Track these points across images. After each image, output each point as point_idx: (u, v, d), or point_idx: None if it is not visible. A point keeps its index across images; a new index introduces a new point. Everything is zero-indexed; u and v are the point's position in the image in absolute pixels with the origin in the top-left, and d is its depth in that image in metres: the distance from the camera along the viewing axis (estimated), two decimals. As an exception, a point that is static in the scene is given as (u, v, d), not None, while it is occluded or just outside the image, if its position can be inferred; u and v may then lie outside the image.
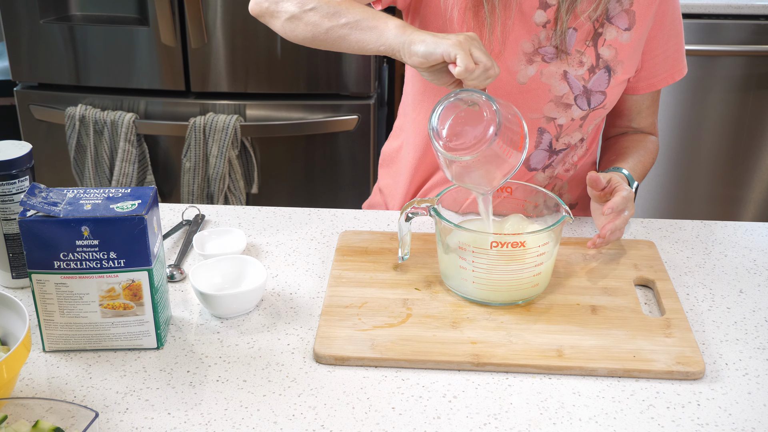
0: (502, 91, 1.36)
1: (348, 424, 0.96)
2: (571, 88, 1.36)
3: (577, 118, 1.39)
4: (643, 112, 1.49)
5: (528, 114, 1.38)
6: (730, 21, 2.40)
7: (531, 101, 1.37)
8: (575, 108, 1.38)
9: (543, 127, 1.40)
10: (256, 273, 1.18)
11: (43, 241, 1.00)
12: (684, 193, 2.64)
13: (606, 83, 1.37)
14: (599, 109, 1.40)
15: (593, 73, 1.36)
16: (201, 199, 2.43)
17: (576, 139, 1.43)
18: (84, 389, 1.02)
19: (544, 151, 1.43)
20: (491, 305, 1.16)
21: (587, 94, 1.37)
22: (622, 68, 1.38)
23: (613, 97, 1.40)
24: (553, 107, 1.38)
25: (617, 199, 1.25)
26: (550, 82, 1.36)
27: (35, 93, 2.45)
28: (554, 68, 1.35)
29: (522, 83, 1.36)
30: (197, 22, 2.31)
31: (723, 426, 0.97)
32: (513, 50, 1.34)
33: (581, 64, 1.35)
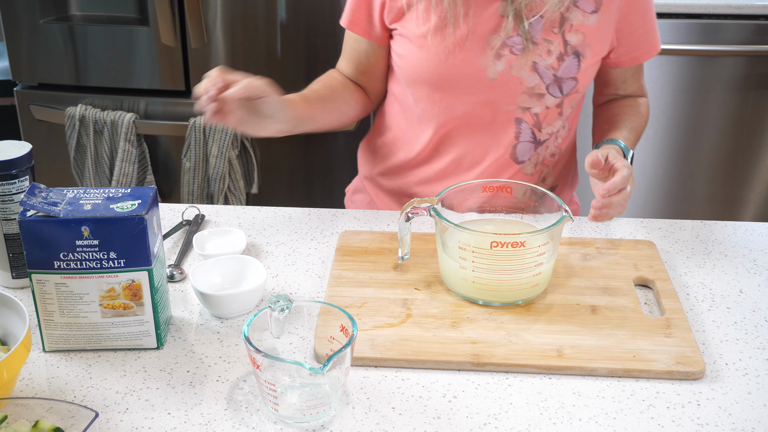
0: (474, 88, 1.37)
1: (348, 424, 0.96)
2: (542, 78, 1.37)
3: (552, 105, 1.41)
4: (628, 80, 1.51)
5: (502, 107, 1.40)
6: (730, 21, 2.40)
7: (504, 95, 1.38)
8: (548, 96, 1.39)
9: (519, 117, 1.42)
10: (256, 273, 1.18)
11: (43, 241, 1.00)
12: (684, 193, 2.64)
13: (576, 69, 1.38)
14: (573, 95, 1.41)
15: (562, 61, 1.37)
16: (201, 199, 2.43)
17: (558, 126, 1.45)
18: (84, 389, 1.02)
19: (528, 143, 1.44)
20: (491, 305, 1.16)
21: (558, 82, 1.38)
22: (591, 51, 1.38)
23: (585, 81, 1.41)
24: (527, 98, 1.39)
25: (617, 179, 1.22)
26: (521, 75, 1.37)
27: (35, 93, 2.45)
28: (523, 60, 1.36)
29: (492, 79, 1.37)
30: (197, 22, 2.31)
31: (723, 426, 0.97)
32: (480, 46, 1.35)
33: (549, 53, 1.36)
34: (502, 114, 1.41)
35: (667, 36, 2.42)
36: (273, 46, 2.35)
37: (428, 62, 1.38)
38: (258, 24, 2.33)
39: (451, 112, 1.42)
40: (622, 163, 1.25)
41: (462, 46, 1.35)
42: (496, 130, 1.43)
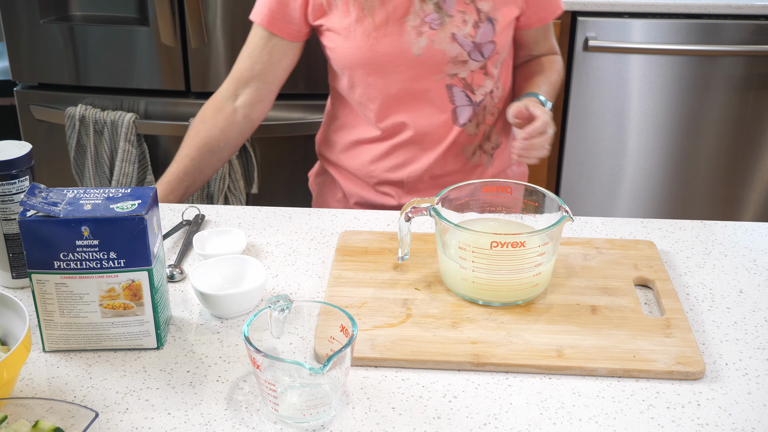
0: (403, 66, 1.51)
1: (348, 424, 0.96)
2: (462, 46, 1.49)
3: (476, 69, 1.54)
4: (540, 41, 1.64)
5: (432, 77, 1.52)
6: (730, 21, 2.40)
7: (431, 68, 1.51)
8: (471, 62, 1.52)
9: (449, 83, 1.54)
10: (256, 273, 1.18)
11: (43, 241, 1.00)
12: (684, 193, 2.64)
13: (492, 33, 1.51)
14: (494, 56, 1.54)
15: (478, 28, 1.50)
16: (201, 199, 2.43)
17: (489, 86, 1.57)
18: (84, 389, 1.02)
19: (466, 106, 1.57)
20: (491, 305, 1.16)
21: (478, 47, 1.51)
22: (502, 14, 1.52)
23: (503, 42, 1.54)
24: (452, 66, 1.52)
25: (537, 123, 1.41)
26: (443, 47, 1.49)
27: (35, 93, 2.45)
28: (442, 34, 1.49)
29: (418, 55, 1.49)
30: (197, 22, 2.31)
31: (723, 426, 0.97)
32: (401, 28, 1.49)
33: (465, 23, 1.49)
34: (434, 84, 1.53)
35: (667, 36, 2.42)
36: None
37: (357, 50, 1.51)
38: (258, 24, 2.33)
39: (388, 91, 1.54)
40: (542, 110, 1.43)
41: (384, 30, 1.47)
42: (432, 100, 1.55)
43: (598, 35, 2.41)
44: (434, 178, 1.63)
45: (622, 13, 2.41)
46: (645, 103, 2.50)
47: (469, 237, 1.12)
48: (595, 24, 2.40)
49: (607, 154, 2.57)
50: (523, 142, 1.41)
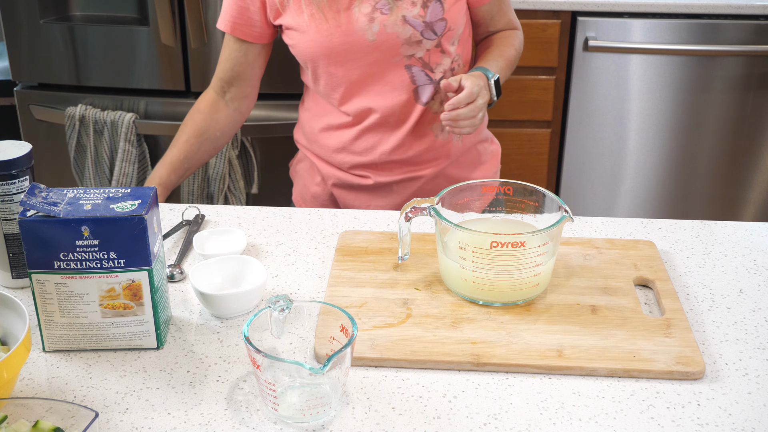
0: (360, 53, 1.54)
1: (348, 424, 0.96)
2: (414, 27, 1.52)
3: (432, 47, 1.55)
4: (495, 17, 1.66)
5: (390, 60, 1.55)
6: (730, 21, 2.40)
7: (387, 51, 1.54)
8: (425, 41, 1.54)
9: (408, 64, 1.56)
10: (256, 273, 1.18)
11: (43, 241, 1.00)
12: (684, 193, 2.64)
13: (441, 11, 1.53)
14: (447, 33, 1.56)
15: (426, 8, 1.52)
16: (201, 199, 2.43)
17: (447, 63, 1.59)
18: (84, 389, 1.02)
19: (427, 85, 1.59)
20: (491, 305, 1.16)
21: (430, 26, 1.53)
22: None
23: (455, 18, 1.56)
24: (408, 48, 1.54)
25: (462, 95, 1.46)
26: (395, 30, 1.52)
27: (35, 93, 2.45)
28: (393, 17, 1.51)
29: (372, 41, 1.52)
30: (197, 22, 2.31)
31: (723, 426, 0.97)
32: (352, 16, 1.52)
33: (414, 4, 1.51)
34: (393, 66, 1.56)
35: (667, 36, 2.42)
36: (273, 46, 2.35)
37: (314, 44, 1.55)
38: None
39: (349, 78, 1.58)
40: (472, 81, 1.47)
41: (336, 22, 1.52)
42: (393, 82, 1.58)
43: (598, 35, 2.41)
44: (405, 157, 1.65)
45: (622, 13, 2.41)
46: (645, 103, 2.50)
47: (469, 237, 1.12)
48: (595, 24, 2.40)
49: (607, 154, 2.57)
50: (448, 113, 1.47)
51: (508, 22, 1.69)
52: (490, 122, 2.52)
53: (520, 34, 1.72)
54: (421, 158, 1.65)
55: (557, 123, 2.55)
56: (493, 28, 1.68)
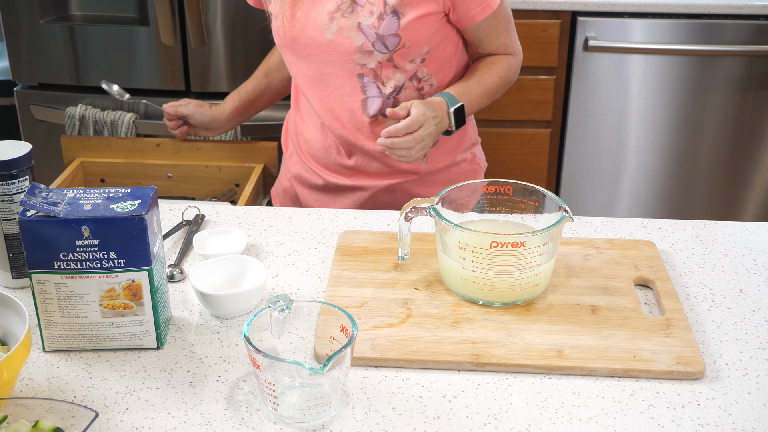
0: (317, 50, 1.54)
1: (348, 424, 0.96)
2: (366, 36, 1.50)
3: (383, 60, 1.53)
4: (483, 39, 1.59)
5: (344, 65, 1.54)
6: (730, 21, 2.40)
7: (341, 54, 1.53)
8: (376, 53, 1.52)
9: (360, 72, 1.54)
10: (256, 273, 1.18)
11: (43, 241, 1.00)
12: (684, 193, 2.64)
13: (396, 26, 1.49)
14: (401, 50, 1.52)
15: (382, 20, 1.49)
16: (201, 199, 2.43)
17: (400, 79, 1.55)
18: (84, 389, 1.02)
19: (377, 98, 1.56)
20: (491, 305, 1.16)
21: (381, 39, 1.50)
22: (411, 9, 1.49)
23: (412, 36, 1.51)
24: (360, 56, 1.53)
25: (400, 124, 1.43)
26: (350, 35, 1.51)
27: (35, 93, 2.45)
28: (350, 22, 1.50)
29: (330, 40, 1.52)
30: (197, 22, 2.31)
31: (723, 426, 0.97)
32: (318, 12, 1.52)
33: (371, 14, 1.49)
34: (345, 71, 1.54)
35: (667, 36, 2.42)
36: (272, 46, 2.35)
37: (282, 30, 1.57)
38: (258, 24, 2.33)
39: (305, 72, 1.58)
40: (419, 111, 1.44)
41: (306, 13, 1.53)
42: (344, 87, 1.56)
43: (598, 35, 2.41)
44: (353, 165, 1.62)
45: (622, 13, 2.41)
46: (645, 103, 2.50)
47: (469, 237, 1.12)
48: (595, 24, 2.40)
49: (607, 154, 2.57)
50: (383, 140, 1.44)
51: (502, 45, 1.60)
52: (491, 122, 2.53)
53: (514, 61, 1.62)
54: (371, 169, 1.62)
55: (557, 123, 2.55)
56: (483, 51, 1.61)
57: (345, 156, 1.62)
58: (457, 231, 1.13)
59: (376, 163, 1.61)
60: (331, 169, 1.66)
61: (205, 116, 1.83)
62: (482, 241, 1.11)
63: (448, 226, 1.14)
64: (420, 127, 1.44)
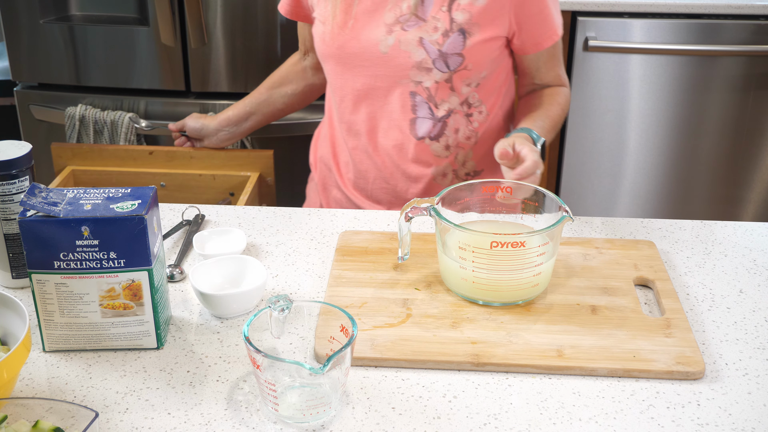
0: (369, 62, 1.50)
1: (348, 424, 0.96)
2: (428, 52, 1.46)
3: (441, 80, 1.49)
4: (541, 68, 1.57)
5: (397, 80, 1.50)
6: (730, 21, 2.40)
7: (396, 68, 1.49)
8: (435, 71, 1.48)
9: (413, 90, 1.51)
10: (256, 273, 1.18)
11: (43, 241, 1.00)
12: (684, 193, 2.64)
13: (461, 45, 1.45)
14: (461, 71, 1.49)
15: (447, 37, 1.45)
16: (201, 199, 2.43)
17: (455, 103, 1.51)
18: (84, 389, 1.02)
19: (427, 119, 1.51)
20: (491, 305, 1.16)
21: (444, 57, 1.46)
22: (479, 29, 1.45)
23: (475, 59, 1.48)
24: (416, 72, 1.49)
25: (527, 164, 1.31)
26: (409, 49, 1.47)
27: (35, 93, 2.45)
28: (411, 36, 1.46)
29: (384, 53, 1.48)
30: (197, 22, 2.31)
31: (723, 426, 0.97)
32: (375, 22, 1.48)
33: (436, 29, 1.45)
34: (397, 86, 1.51)
35: (667, 36, 2.42)
36: (273, 46, 2.35)
37: (327, 37, 1.52)
38: (258, 24, 2.33)
39: (352, 84, 1.54)
40: (530, 149, 1.33)
41: (359, 22, 1.49)
42: (393, 104, 1.53)
43: (598, 35, 2.41)
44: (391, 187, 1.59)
45: (622, 13, 2.41)
46: (645, 103, 2.50)
47: (469, 237, 1.12)
48: (595, 24, 2.40)
49: (607, 154, 2.57)
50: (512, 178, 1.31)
51: (557, 76, 1.59)
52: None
53: (567, 92, 1.61)
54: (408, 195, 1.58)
55: (557, 123, 2.55)
56: (539, 81, 1.58)
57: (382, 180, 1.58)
58: (457, 231, 1.13)
59: (416, 187, 1.58)
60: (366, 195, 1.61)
61: (197, 123, 1.85)
62: (482, 241, 1.11)
63: (448, 226, 1.14)
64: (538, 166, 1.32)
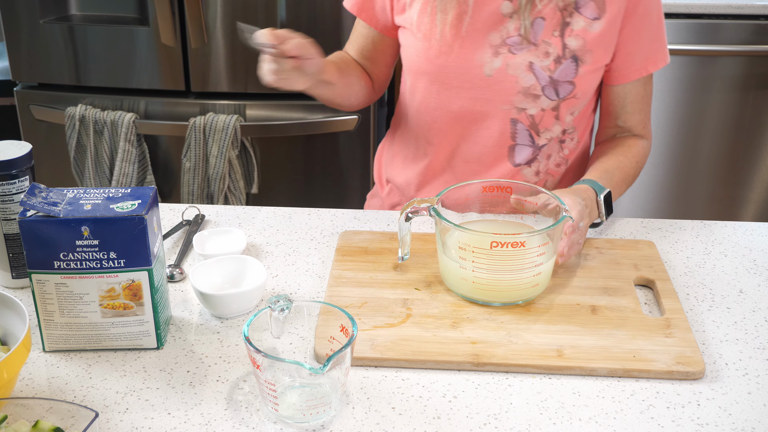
0: (470, 84, 1.38)
1: (348, 424, 0.96)
2: (538, 78, 1.37)
3: (547, 108, 1.40)
4: (627, 106, 1.45)
5: (498, 105, 1.40)
6: (730, 21, 2.40)
7: (499, 93, 1.39)
8: (544, 98, 1.39)
9: (515, 117, 1.41)
10: (256, 273, 1.18)
11: (43, 241, 1.00)
12: (684, 193, 2.64)
13: (573, 73, 1.37)
14: (570, 99, 1.40)
15: (559, 64, 1.36)
16: (201, 199, 2.43)
17: (557, 131, 1.43)
18: (84, 389, 1.02)
19: (527, 147, 1.44)
20: (491, 305, 1.16)
21: (554, 84, 1.37)
22: (592, 57, 1.37)
23: (584, 87, 1.40)
24: (522, 98, 1.39)
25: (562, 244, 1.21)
26: (517, 74, 1.37)
27: (35, 93, 2.45)
28: (520, 59, 1.36)
29: (489, 75, 1.38)
30: (197, 22, 2.31)
31: (723, 426, 0.97)
32: (479, 43, 1.36)
33: (547, 55, 1.36)
34: (498, 112, 1.41)
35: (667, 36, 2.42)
36: (273, 46, 2.35)
37: (427, 53, 1.40)
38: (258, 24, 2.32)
39: (448, 105, 1.42)
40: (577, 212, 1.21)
41: (463, 40, 1.37)
42: (491, 130, 1.43)
43: (598, 35, 2.41)
44: None
45: (622, 13, 2.40)
46: (645, 103, 2.50)
47: (469, 237, 1.12)
48: (595, 24, 2.40)
49: (607, 154, 2.57)
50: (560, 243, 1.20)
51: (641, 122, 1.47)
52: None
53: (648, 146, 1.47)
54: None
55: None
56: (622, 122, 1.46)
57: None
58: (457, 231, 1.13)
59: None
60: None
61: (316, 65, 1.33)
62: (482, 241, 1.11)
63: (448, 226, 1.14)
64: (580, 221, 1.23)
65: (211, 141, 2.36)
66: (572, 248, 1.23)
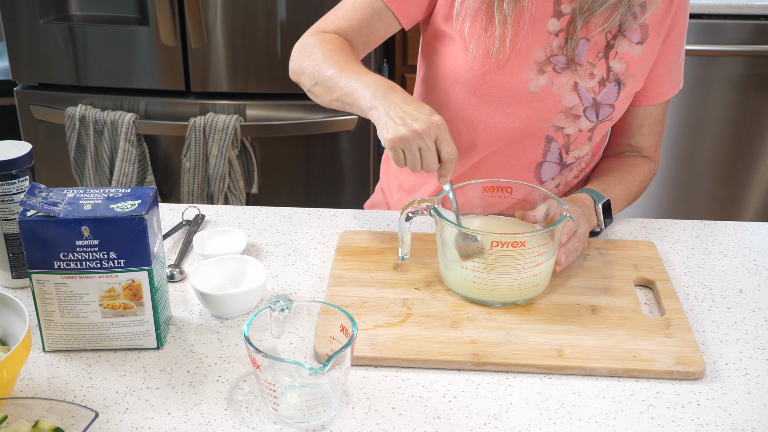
0: (513, 99, 1.35)
1: (348, 424, 0.96)
2: (581, 99, 1.36)
3: (585, 129, 1.39)
4: (644, 127, 1.46)
5: (537, 123, 1.37)
6: (730, 21, 2.40)
7: (541, 111, 1.36)
8: (584, 119, 1.38)
9: (551, 135, 1.39)
10: (256, 273, 1.18)
11: (43, 241, 1.00)
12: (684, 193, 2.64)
13: (615, 96, 1.37)
14: (607, 122, 1.40)
15: (603, 86, 1.35)
16: (201, 199, 2.43)
17: (585, 151, 1.43)
18: (84, 389, 1.02)
19: (554, 164, 1.42)
20: (491, 305, 1.16)
21: (596, 106, 1.37)
22: (633, 81, 1.37)
23: (620, 110, 1.40)
24: (563, 117, 1.37)
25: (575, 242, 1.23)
26: (561, 93, 1.35)
27: (35, 93, 2.45)
28: (565, 79, 1.34)
29: (533, 93, 1.35)
30: (197, 22, 2.31)
31: (723, 426, 0.97)
32: (525, 59, 1.33)
33: (592, 76, 1.35)
34: (536, 130, 1.38)
35: (667, 36, 2.42)
36: (273, 46, 2.35)
37: (471, 64, 1.35)
38: (258, 24, 2.33)
39: (485, 118, 1.39)
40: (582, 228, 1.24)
41: (509, 54, 1.33)
42: (524, 145, 1.41)
43: (598, 35, 2.41)
44: None
45: (622, 13, 2.40)
46: (645, 103, 2.50)
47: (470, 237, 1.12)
48: (595, 24, 2.40)
49: (607, 154, 2.57)
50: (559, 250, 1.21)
51: (653, 144, 1.48)
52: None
53: (654, 168, 1.48)
54: None
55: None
56: (635, 142, 1.47)
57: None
58: (457, 231, 1.13)
59: None
60: None
61: None
62: (482, 241, 1.11)
63: (448, 226, 1.14)
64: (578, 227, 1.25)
65: (211, 141, 2.36)
66: (570, 256, 1.23)
